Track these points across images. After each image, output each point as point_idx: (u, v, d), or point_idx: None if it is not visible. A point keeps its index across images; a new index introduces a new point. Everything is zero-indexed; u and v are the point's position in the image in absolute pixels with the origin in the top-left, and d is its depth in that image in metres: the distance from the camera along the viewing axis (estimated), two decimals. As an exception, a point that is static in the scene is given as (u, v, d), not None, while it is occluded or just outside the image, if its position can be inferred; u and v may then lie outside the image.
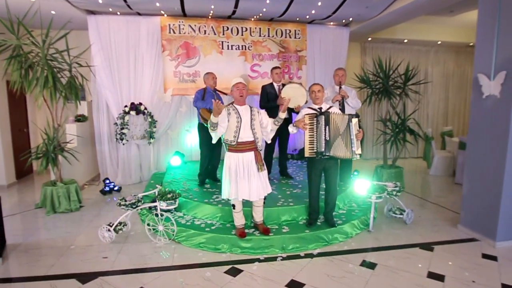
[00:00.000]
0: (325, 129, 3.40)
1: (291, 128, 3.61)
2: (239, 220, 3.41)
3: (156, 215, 3.51)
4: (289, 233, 3.45)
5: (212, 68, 5.59)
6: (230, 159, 3.24)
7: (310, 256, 3.29)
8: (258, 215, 3.47)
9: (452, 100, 8.70)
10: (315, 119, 3.45)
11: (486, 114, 3.59)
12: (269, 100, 4.71)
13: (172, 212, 3.87)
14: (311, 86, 3.63)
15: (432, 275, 2.96)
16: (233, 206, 3.38)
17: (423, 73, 8.24)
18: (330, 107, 3.58)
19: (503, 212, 3.47)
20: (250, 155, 3.25)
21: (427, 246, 3.53)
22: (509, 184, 3.45)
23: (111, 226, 3.52)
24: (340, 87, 4.51)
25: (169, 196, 3.40)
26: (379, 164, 6.01)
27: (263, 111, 3.43)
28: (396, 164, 5.73)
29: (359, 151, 3.42)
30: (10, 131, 5.77)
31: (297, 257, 3.27)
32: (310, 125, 3.46)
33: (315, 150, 3.43)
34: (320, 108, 3.54)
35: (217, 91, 4.71)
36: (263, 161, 3.35)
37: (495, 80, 3.45)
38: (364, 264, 3.15)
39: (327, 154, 3.38)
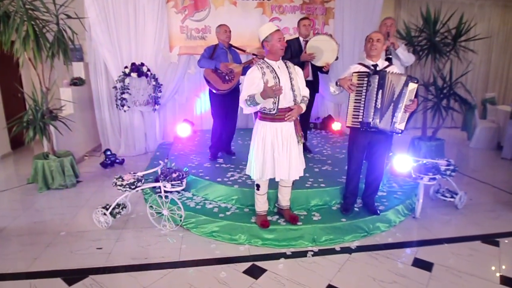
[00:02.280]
0: (377, 94, 2.64)
1: (333, 88, 2.87)
2: (262, 205, 2.79)
3: (160, 197, 2.91)
4: (321, 221, 2.82)
5: (224, 22, 4.74)
6: (265, 130, 2.55)
7: (348, 250, 2.68)
8: (286, 198, 2.84)
9: (494, 62, 7.65)
10: (365, 79, 2.69)
11: None
12: (292, 57, 3.91)
13: (179, 193, 3.27)
14: (370, 33, 2.82)
15: (506, 281, 2.33)
16: (257, 186, 2.73)
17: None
18: (389, 65, 2.79)
19: None
20: (290, 124, 2.57)
21: (490, 239, 2.87)
22: None
23: (107, 209, 2.96)
24: (388, 38, 3.66)
25: (174, 176, 2.78)
26: (415, 135, 5.24)
27: (298, 68, 2.68)
28: (436, 136, 4.97)
29: (401, 126, 2.66)
30: (0, 96, 5.17)
31: (332, 251, 2.67)
32: (359, 87, 2.70)
33: (360, 120, 2.70)
34: (375, 66, 2.75)
35: (232, 48, 3.92)
36: (302, 131, 2.68)
37: None
38: (418, 263, 2.52)
39: (374, 126, 2.65)
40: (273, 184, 2.78)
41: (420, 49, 4.62)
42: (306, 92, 2.67)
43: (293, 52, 3.93)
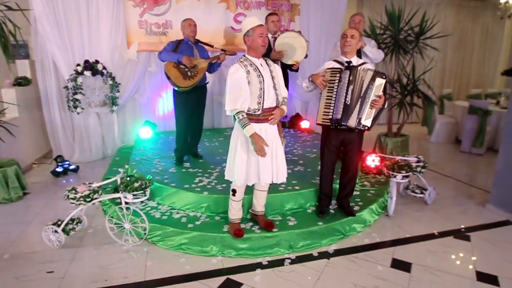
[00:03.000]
0: (347, 89, 2.54)
1: (305, 84, 2.74)
2: (236, 212, 2.59)
3: (120, 209, 2.62)
4: (297, 226, 2.69)
5: (186, 17, 4.48)
6: None
7: (326, 255, 2.57)
8: (261, 204, 2.67)
9: (449, 60, 8.03)
10: (338, 75, 2.58)
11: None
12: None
13: (142, 203, 2.99)
14: (346, 29, 2.72)
15: (482, 277, 2.33)
16: (233, 192, 2.53)
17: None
18: (364, 62, 2.70)
19: (553, 192, 2.87)
20: (274, 126, 2.43)
21: (462, 234, 2.91)
22: None
23: (59, 226, 2.61)
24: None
25: (136, 185, 2.50)
26: (381, 132, 5.31)
27: (278, 67, 2.52)
28: (402, 131, 5.06)
29: (367, 122, 2.59)
30: None
31: (310, 257, 2.54)
32: (331, 83, 2.60)
33: (330, 117, 2.60)
34: (349, 62, 2.65)
35: (200, 44, 3.68)
36: (283, 132, 2.55)
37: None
38: (396, 264, 2.47)
39: (344, 123, 2.56)
40: (247, 189, 2.60)
41: (384, 46, 4.66)
42: (285, 92, 2.51)
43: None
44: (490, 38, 8.18)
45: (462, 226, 3.04)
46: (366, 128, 2.58)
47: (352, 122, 2.56)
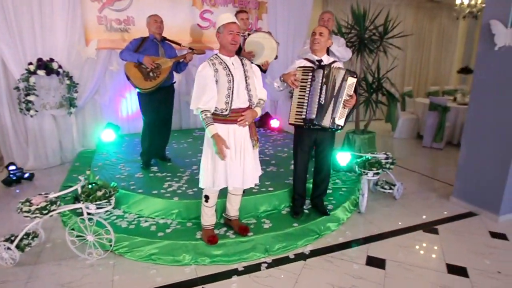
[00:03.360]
0: (321, 89, 2.51)
1: (277, 83, 2.69)
2: (209, 218, 2.48)
3: (82, 220, 2.41)
4: (273, 229, 2.63)
5: (149, 13, 4.27)
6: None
7: (302, 257, 2.53)
8: (235, 208, 2.58)
9: (409, 59, 8.38)
10: (310, 74, 2.55)
11: (497, 69, 3.01)
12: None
13: (107, 212, 2.79)
14: (315, 27, 2.68)
15: (452, 270, 2.41)
16: (206, 198, 2.42)
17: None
18: (335, 61, 2.68)
19: (510, 182, 3.03)
20: (245, 128, 2.34)
21: (430, 228, 3.00)
22: (521, 152, 3.00)
23: (12, 242, 2.36)
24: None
25: (99, 194, 2.30)
26: (349, 129, 5.40)
27: (256, 67, 2.44)
28: (368, 128, 5.18)
29: (340, 122, 2.59)
30: None
31: (286, 260, 2.49)
32: (303, 82, 2.55)
33: (304, 116, 2.56)
34: (320, 61, 2.63)
35: (166, 41, 3.50)
36: (257, 134, 2.45)
37: (513, 26, 2.84)
38: (371, 262, 2.48)
39: (318, 123, 2.53)
40: (220, 192, 2.50)
41: (351, 45, 4.73)
42: (263, 94, 2.43)
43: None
44: (445, 38, 8.63)
45: (430, 220, 3.14)
46: (340, 127, 2.58)
47: (326, 121, 2.54)
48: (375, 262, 2.48)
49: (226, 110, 2.21)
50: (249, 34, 3.68)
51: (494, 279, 2.31)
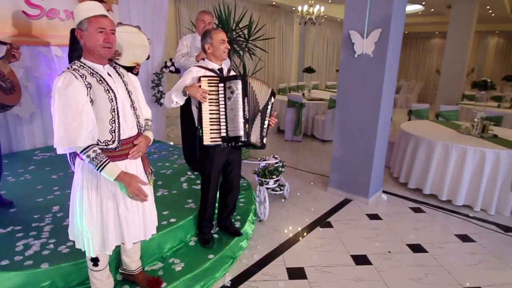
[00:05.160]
0: (243, 102, 2.21)
1: (176, 98, 2.19)
2: (104, 284, 1.83)
3: None
4: (187, 269, 2.21)
5: None
6: (99, 177, 1.60)
7: (225, 291, 2.24)
8: (136, 259, 2.00)
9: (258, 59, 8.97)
10: (219, 85, 2.20)
11: (358, 74, 3.45)
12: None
13: None
14: (219, 33, 2.28)
15: (358, 260, 2.63)
16: (94, 261, 1.75)
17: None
18: (229, 69, 2.41)
19: (374, 170, 3.59)
20: (137, 161, 1.74)
21: (324, 222, 3.22)
22: (380, 143, 3.56)
23: None
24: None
25: None
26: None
27: (133, 77, 1.82)
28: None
29: (265, 140, 2.44)
30: None
31: (210, 301, 2.15)
32: (212, 94, 2.19)
33: (224, 134, 2.22)
34: (221, 70, 2.30)
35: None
36: (150, 165, 1.88)
37: (369, 38, 3.29)
38: (293, 274, 2.43)
39: (245, 140, 2.24)
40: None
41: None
42: (148, 112, 1.89)
43: (86, 46, 2.86)
44: (285, 40, 9.68)
45: (320, 213, 3.38)
46: (265, 146, 2.39)
47: (254, 137, 2.29)
48: (296, 273, 2.44)
49: (113, 141, 1.60)
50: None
51: (388, 259, 2.65)
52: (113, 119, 1.58)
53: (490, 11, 8.43)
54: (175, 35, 6.61)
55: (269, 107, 2.39)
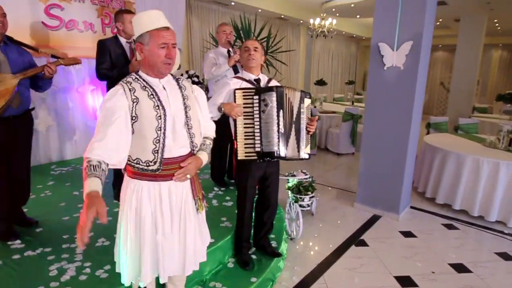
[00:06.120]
0: (278, 115, 2.11)
1: (212, 112, 2.07)
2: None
3: None
4: (231, 294, 2.07)
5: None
6: (138, 196, 1.47)
7: (271, 318, 2.09)
8: (180, 287, 1.86)
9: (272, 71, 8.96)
10: (255, 97, 2.10)
11: (387, 86, 3.38)
12: (115, 66, 2.77)
13: None
14: (245, 42, 2.22)
15: (403, 282, 2.49)
16: None
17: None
18: (271, 79, 2.32)
19: (405, 186, 3.48)
20: (184, 184, 1.58)
21: (358, 240, 3.09)
22: (410, 157, 3.47)
23: None
24: (233, 47, 3.21)
25: None
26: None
27: (199, 90, 1.71)
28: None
29: (307, 150, 2.31)
30: None
31: (256, 330, 2.00)
32: (247, 107, 2.09)
33: (259, 149, 2.11)
34: (258, 80, 2.21)
35: (13, 44, 2.29)
36: (202, 189, 1.71)
37: (399, 50, 3.24)
38: (340, 299, 2.30)
39: (280, 155, 2.13)
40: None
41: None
42: (210, 129, 1.76)
43: (115, 58, 2.77)
44: (291, 52, 9.69)
45: (352, 231, 3.25)
46: (308, 156, 2.26)
47: (290, 152, 2.17)
48: (342, 297, 2.31)
49: (155, 162, 1.46)
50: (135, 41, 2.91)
51: (434, 280, 2.52)
52: (158, 138, 1.45)
53: (497, 25, 8.52)
54: (186, 46, 6.56)
55: (304, 113, 2.26)
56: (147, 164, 1.45)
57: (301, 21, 8.90)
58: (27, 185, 2.45)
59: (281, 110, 2.12)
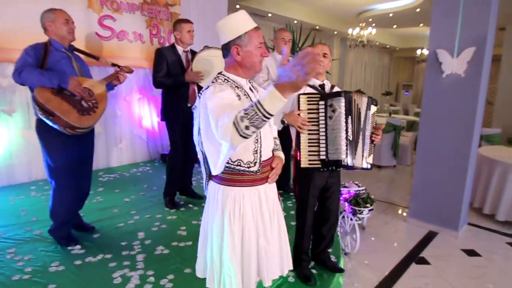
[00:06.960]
0: (346, 121, 2.01)
1: (276, 124, 2.01)
2: None
3: None
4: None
5: (25, 15, 2.95)
6: (241, 203, 1.42)
7: None
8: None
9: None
10: (320, 102, 2.01)
11: (446, 95, 3.21)
12: (172, 75, 2.79)
13: None
14: (314, 46, 2.17)
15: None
16: None
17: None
18: (334, 85, 2.24)
19: (464, 201, 3.25)
20: (272, 186, 1.56)
21: (417, 258, 2.89)
22: (471, 170, 3.26)
23: None
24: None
25: None
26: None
27: (261, 89, 1.67)
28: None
29: (370, 159, 2.19)
30: None
31: None
32: (311, 113, 2.00)
33: (324, 157, 2.01)
34: (322, 86, 2.13)
35: (76, 52, 2.35)
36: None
37: (460, 57, 3.08)
38: (410, 322, 2.12)
39: (348, 164, 2.02)
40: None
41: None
42: (275, 130, 1.73)
43: (171, 67, 2.79)
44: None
45: (408, 247, 3.05)
46: (370, 166, 2.15)
47: (358, 161, 2.06)
48: (412, 319, 2.13)
49: (255, 163, 1.42)
50: (192, 51, 2.96)
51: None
52: (257, 137, 1.42)
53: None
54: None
55: (368, 120, 2.14)
56: (248, 166, 1.41)
57: (335, 32, 8.83)
58: (88, 191, 2.46)
59: (350, 116, 2.02)
